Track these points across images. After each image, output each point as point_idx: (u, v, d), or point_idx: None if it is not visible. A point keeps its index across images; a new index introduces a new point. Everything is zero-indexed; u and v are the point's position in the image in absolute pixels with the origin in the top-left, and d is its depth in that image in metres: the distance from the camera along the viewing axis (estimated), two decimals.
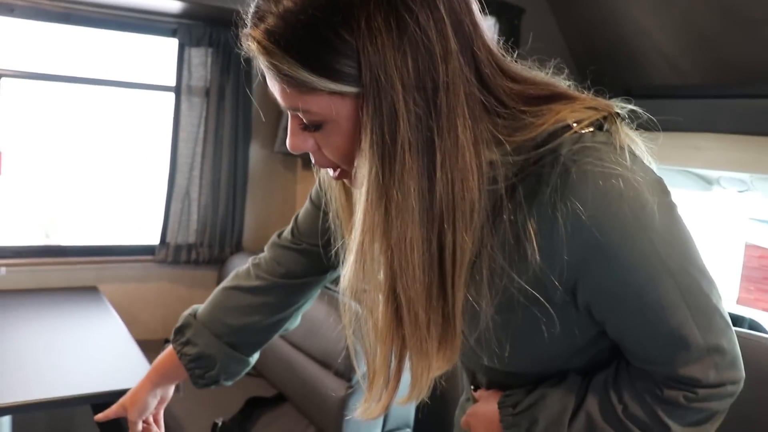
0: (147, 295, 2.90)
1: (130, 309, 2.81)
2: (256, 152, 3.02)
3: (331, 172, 0.83)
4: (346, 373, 1.98)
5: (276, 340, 2.40)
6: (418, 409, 2.12)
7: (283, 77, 0.73)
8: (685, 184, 2.52)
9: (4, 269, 2.65)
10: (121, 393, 1.73)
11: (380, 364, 0.84)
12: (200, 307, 1.34)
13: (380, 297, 0.79)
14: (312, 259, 1.20)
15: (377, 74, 0.70)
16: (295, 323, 1.36)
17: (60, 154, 3.03)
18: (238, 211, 2.95)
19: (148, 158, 3.10)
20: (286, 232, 1.24)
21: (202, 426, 2.08)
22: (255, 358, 1.38)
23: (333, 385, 2.03)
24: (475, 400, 1.00)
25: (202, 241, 2.91)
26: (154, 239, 2.90)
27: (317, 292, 1.29)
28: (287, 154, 2.95)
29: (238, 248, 2.98)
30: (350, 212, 0.94)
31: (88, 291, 2.70)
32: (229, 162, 2.90)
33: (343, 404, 1.98)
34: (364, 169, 0.74)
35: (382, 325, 0.80)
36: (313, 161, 0.84)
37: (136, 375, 1.81)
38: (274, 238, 1.27)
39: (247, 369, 1.37)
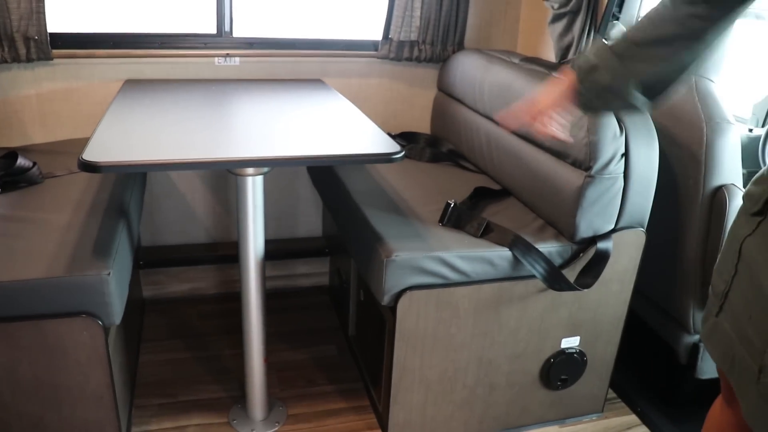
0: (368, 91, 2.93)
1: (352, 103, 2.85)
2: None
3: None
4: (584, 162, 1.89)
5: (501, 134, 2.33)
6: (652, 211, 2.01)
7: None
8: None
9: (238, 59, 2.76)
10: (363, 156, 1.78)
11: None
12: None
13: None
14: None
15: None
16: None
17: None
18: (461, 9, 2.83)
19: None
20: None
21: (433, 209, 2.11)
22: None
23: (568, 176, 1.96)
24: None
25: (425, 38, 2.84)
26: (377, 35, 2.87)
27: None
28: None
29: (459, 47, 2.89)
30: None
31: (314, 82, 2.76)
32: None
33: (579, 194, 1.91)
34: None
35: None
36: None
37: (377, 142, 1.83)
38: None
39: None
